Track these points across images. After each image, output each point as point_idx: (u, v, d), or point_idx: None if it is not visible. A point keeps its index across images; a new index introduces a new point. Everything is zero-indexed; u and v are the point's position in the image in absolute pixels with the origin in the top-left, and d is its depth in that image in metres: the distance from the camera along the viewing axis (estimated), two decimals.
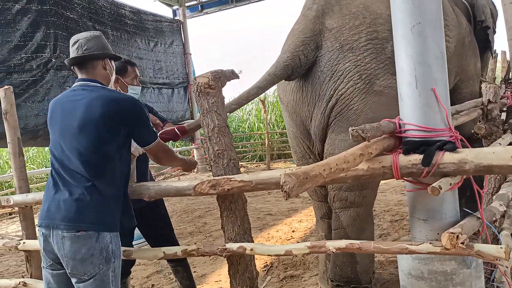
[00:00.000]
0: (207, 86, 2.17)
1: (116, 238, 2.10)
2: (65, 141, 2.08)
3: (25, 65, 7.90)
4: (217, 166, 2.23)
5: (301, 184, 1.43)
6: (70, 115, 2.08)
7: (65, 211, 2.00)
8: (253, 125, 16.52)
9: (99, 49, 2.20)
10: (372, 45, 2.68)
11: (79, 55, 2.16)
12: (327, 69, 2.73)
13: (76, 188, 2.02)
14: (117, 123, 2.06)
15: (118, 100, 2.09)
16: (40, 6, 8.15)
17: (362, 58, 2.67)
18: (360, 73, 2.66)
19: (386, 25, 2.69)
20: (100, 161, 2.05)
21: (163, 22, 12.76)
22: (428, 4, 1.84)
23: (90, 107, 2.03)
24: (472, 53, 3.68)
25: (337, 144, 2.78)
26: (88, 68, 2.18)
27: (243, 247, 2.17)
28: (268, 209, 6.93)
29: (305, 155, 3.15)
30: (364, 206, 2.91)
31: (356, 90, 2.67)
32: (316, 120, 2.86)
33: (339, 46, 2.71)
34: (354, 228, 2.92)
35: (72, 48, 2.19)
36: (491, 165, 1.63)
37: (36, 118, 7.98)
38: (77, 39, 2.18)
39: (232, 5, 14.56)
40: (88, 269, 1.98)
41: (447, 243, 1.60)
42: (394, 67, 2.64)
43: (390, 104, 2.64)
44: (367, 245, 1.88)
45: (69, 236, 1.97)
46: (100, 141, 2.04)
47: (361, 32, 2.70)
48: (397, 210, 5.81)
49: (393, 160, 1.81)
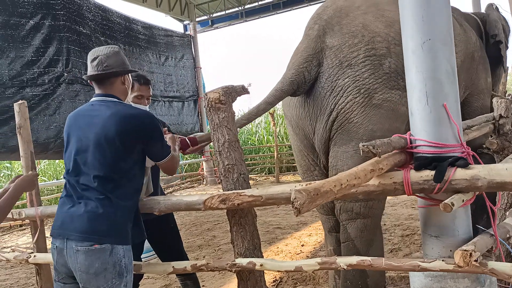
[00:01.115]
0: (218, 101, 2.19)
1: (129, 252, 2.11)
2: (81, 155, 2.11)
3: (38, 80, 8.03)
4: (227, 180, 2.23)
5: (312, 201, 1.42)
6: (87, 130, 2.10)
7: (78, 222, 2.01)
8: (262, 138, 16.54)
9: (119, 66, 2.20)
10: (370, 61, 2.77)
11: (100, 72, 2.16)
12: (328, 85, 2.84)
13: (90, 200, 2.04)
14: (132, 139, 2.08)
15: (133, 116, 2.11)
16: (54, 22, 8.31)
17: (361, 74, 2.77)
18: (359, 88, 2.76)
19: (384, 43, 2.79)
20: (115, 176, 2.07)
21: (174, 36, 12.95)
22: (438, 20, 1.84)
23: (107, 124, 2.05)
24: (482, 67, 3.69)
25: (340, 156, 2.85)
26: (107, 84, 2.20)
27: (253, 262, 2.15)
28: (277, 222, 6.89)
29: (310, 168, 3.21)
30: (371, 217, 2.92)
31: (356, 104, 2.76)
32: (318, 133, 2.95)
33: (339, 63, 2.83)
34: (362, 240, 2.93)
35: (91, 63, 2.18)
36: (504, 182, 1.62)
37: (47, 131, 8.08)
38: (97, 55, 2.18)
39: (242, 20, 14.75)
40: (101, 283, 1.98)
41: (460, 261, 1.58)
42: (392, 82, 2.75)
43: (389, 117, 2.75)
44: (379, 262, 1.86)
45: (83, 249, 1.97)
46: (116, 158, 2.06)
47: (360, 49, 2.81)
48: (408, 224, 5.75)
49: (404, 176, 1.80)
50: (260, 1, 14.25)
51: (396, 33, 2.77)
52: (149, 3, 12.59)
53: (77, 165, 2.12)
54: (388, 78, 2.75)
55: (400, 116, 2.79)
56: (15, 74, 7.67)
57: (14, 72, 7.65)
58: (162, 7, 13.20)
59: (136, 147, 2.11)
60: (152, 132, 2.14)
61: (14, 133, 7.26)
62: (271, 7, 14.20)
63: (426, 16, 1.84)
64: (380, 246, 3.08)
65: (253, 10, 14.52)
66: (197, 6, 14.57)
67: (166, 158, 2.23)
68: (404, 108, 2.72)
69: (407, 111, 2.66)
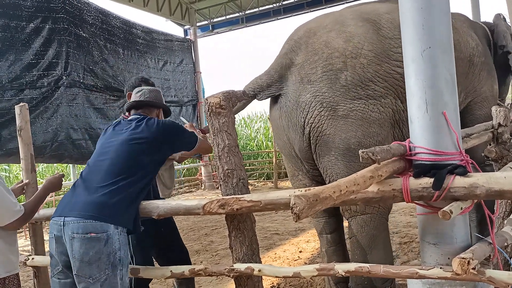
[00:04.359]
0: (218, 106, 2.20)
1: (125, 246, 2.15)
2: (105, 149, 2.32)
3: (37, 82, 8.04)
4: (227, 185, 2.24)
5: (311, 206, 1.43)
6: (120, 133, 2.40)
7: (80, 203, 2.13)
8: (261, 143, 16.54)
9: (158, 100, 2.66)
10: (327, 76, 2.88)
11: (142, 100, 2.60)
12: (294, 100, 2.98)
13: (98, 185, 2.17)
14: (159, 141, 2.37)
15: (160, 122, 2.45)
16: (54, 25, 8.33)
17: (319, 89, 2.88)
18: (321, 102, 2.87)
19: (341, 58, 2.89)
20: (132, 169, 2.24)
21: (174, 41, 12.97)
22: (438, 29, 1.86)
23: (140, 128, 2.37)
24: (487, 74, 3.64)
25: (326, 164, 2.97)
26: (145, 111, 2.59)
27: (251, 268, 2.16)
28: (275, 228, 6.88)
29: (295, 173, 3.34)
30: (370, 213, 2.99)
31: (323, 118, 2.88)
32: (296, 144, 3.08)
33: (300, 79, 2.96)
34: (363, 235, 3.01)
35: (136, 95, 2.63)
36: (502, 190, 1.62)
37: (44, 135, 8.07)
38: (142, 89, 2.66)
39: (243, 25, 14.80)
40: (94, 272, 2.02)
41: (458, 268, 1.58)
42: (351, 93, 2.86)
43: (359, 124, 2.85)
44: (377, 268, 1.86)
45: (79, 237, 2.03)
46: (138, 151, 2.28)
47: (318, 66, 2.92)
48: (406, 232, 5.74)
49: (403, 183, 1.80)
50: (260, 7, 14.32)
51: (354, 47, 2.88)
52: (150, 8, 12.62)
53: (97, 155, 2.35)
54: (346, 91, 2.84)
55: (373, 121, 2.87)
56: (15, 77, 7.67)
57: (13, 74, 7.65)
58: (163, 12, 13.23)
59: (162, 148, 2.38)
60: (176, 131, 2.47)
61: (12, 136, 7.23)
62: (272, 13, 14.24)
63: (426, 25, 1.85)
64: (386, 244, 3.12)
65: (253, 15, 14.57)
66: (198, 11, 14.62)
67: (197, 143, 2.56)
68: (376, 113, 2.83)
69: (383, 115, 2.85)
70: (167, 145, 2.42)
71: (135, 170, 2.24)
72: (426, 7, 1.85)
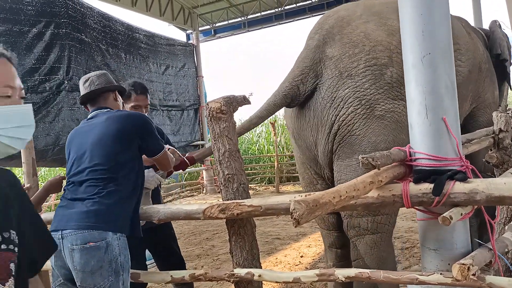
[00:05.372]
0: (219, 111, 2.20)
1: (125, 251, 2.14)
2: (80, 156, 2.24)
3: (39, 87, 8.06)
4: (227, 190, 2.24)
5: (311, 212, 1.43)
6: (87, 134, 2.28)
7: (75, 214, 2.09)
8: (262, 148, 16.54)
9: (109, 83, 2.47)
10: (371, 71, 2.69)
11: (92, 90, 2.40)
12: (328, 96, 2.76)
13: (87, 195, 2.12)
14: (131, 135, 2.25)
15: (130, 115, 2.35)
16: (56, 30, 8.36)
17: (361, 84, 2.68)
18: (360, 99, 2.68)
19: (385, 52, 2.71)
20: (113, 169, 2.17)
21: (176, 45, 13.01)
22: (438, 34, 1.86)
23: (104, 125, 2.25)
24: (489, 80, 3.62)
25: (343, 170, 2.76)
26: (101, 100, 2.43)
27: (251, 273, 2.15)
28: (276, 233, 6.87)
29: (313, 181, 3.13)
30: (381, 233, 2.79)
31: (357, 116, 2.68)
32: (321, 145, 2.86)
33: (339, 73, 2.75)
34: (372, 257, 2.78)
35: (83, 85, 2.43)
36: (503, 196, 1.62)
37: (46, 139, 8.09)
38: (88, 78, 2.44)
39: (245, 30, 14.87)
40: (98, 281, 2.01)
41: (458, 274, 1.58)
42: (394, 92, 2.67)
43: (393, 128, 2.66)
44: (377, 274, 1.86)
45: (78, 248, 2.01)
46: (115, 151, 2.20)
47: (360, 59, 2.73)
48: (408, 237, 5.73)
49: (403, 188, 1.80)
50: (262, 12, 14.37)
51: (399, 42, 2.62)
52: (152, 12, 12.68)
53: (75, 166, 2.25)
54: (390, 88, 2.67)
55: (405, 127, 2.71)
56: None
57: None
58: (166, 16, 13.30)
59: (134, 143, 2.26)
60: (148, 129, 2.32)
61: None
62: (274, 17, 14.31)
63: (426, 30, 1.86)
64: (393, 265, 2.93)
65: (255, 20, 14.63)
66: (200, 16, 14.69)
67: (161, 153, 2.37)
68: None
69: None
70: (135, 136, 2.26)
71: (116, 170, 2.17)
72: (426, 13, 1.85)
